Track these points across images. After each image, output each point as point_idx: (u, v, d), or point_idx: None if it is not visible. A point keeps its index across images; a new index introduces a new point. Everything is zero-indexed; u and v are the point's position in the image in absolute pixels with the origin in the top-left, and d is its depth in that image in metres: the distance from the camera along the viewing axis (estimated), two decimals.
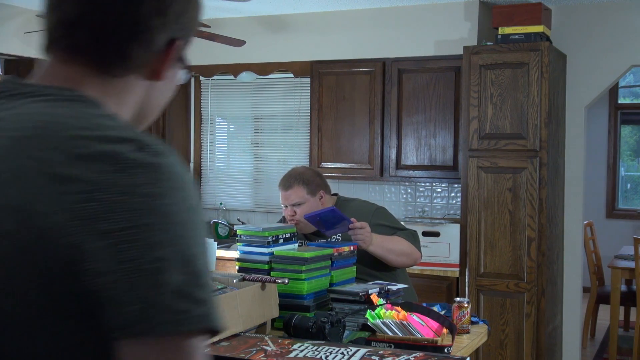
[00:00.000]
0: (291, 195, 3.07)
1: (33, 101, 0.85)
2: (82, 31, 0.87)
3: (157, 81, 0.93)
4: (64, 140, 0.79)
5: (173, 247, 0.76)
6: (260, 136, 5.66)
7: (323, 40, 5.11)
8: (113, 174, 0.76)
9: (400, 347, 2.24)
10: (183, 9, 0.91)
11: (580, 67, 4.68)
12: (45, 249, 0.74)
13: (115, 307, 0.73)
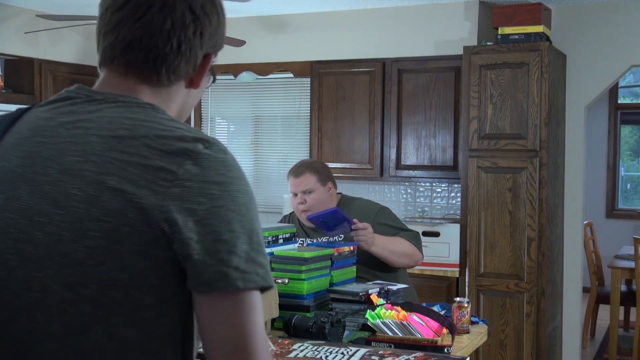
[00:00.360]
0: (302, 182, 3.12)
1: (108, 107, 1.04)
2: (136, 52, 1.06)
3: (195, 89, 1.14)
4: (151, 138, 0.99)
5: (240, 223, 0.97)
6: (260, 136, 5.66)
7: (323, 40, 5.11)
8: (192, 165, 0.97)
9: (400, 347, 2.24)
10: (215, 29, 1.14)
11: (580, 67, 4.68)
12: (147, 222, 0.95)
13: (201, 268, 0.94)
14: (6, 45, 5.03)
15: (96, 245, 0.95)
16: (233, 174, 1.00)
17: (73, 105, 1.06)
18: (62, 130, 1.03)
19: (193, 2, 1.09)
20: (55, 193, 0.98)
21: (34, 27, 4.91)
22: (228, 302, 0.96)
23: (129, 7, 1.06)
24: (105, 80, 1.10)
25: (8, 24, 5.04)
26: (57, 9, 5.00)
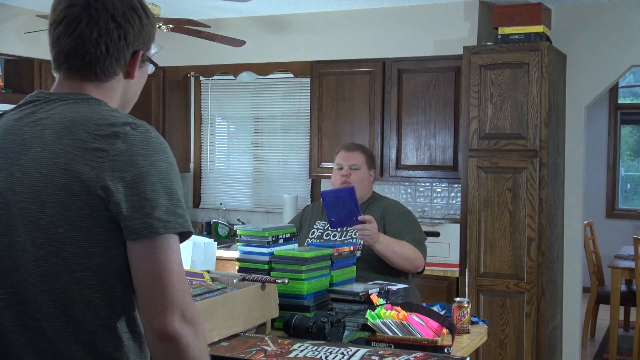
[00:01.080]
0: (353, 157, 3.24)
1: (61, 104, 1.34)
2: (75, 58, 1.37)
3: (130, 79, 1.43)
4: (90, 127, 1.28)
5: (162, 185, 1.26)
6: (260, 136, 5.66)
7: (323, 40, 5.11)
8: (121, 144, 1.26)
9: (400, 347, 2.24)
10: (139, 31, 1.39)
11: (580, 67, 4.68)
12: (87, 191, 1.24)
13: (130, 222, 1.24)
14: (6, 45, 5.03)
15: (53, 213, 1.26)
16: (155, 148, 1.28)
17: (34, 107, 1.37)
18: (27, 128, 1.34)
19: (115, 12, 1.35)
20: (23, 177, 1.29)
21: (34, 27, 4.90)
22: (151, 245, 1.24)
23: (64, 23, 1.36)
24: (58, 83, 1.41)
25: (8, 24, 5.04)
26: None
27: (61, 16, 1.37)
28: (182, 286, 1.26)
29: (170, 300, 1.24)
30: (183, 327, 1.24)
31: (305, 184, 5.44)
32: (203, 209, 5.84)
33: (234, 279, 2.43)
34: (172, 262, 1.25)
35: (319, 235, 3.22)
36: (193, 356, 1.25)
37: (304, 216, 3.37)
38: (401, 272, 3.10)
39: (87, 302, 1.28)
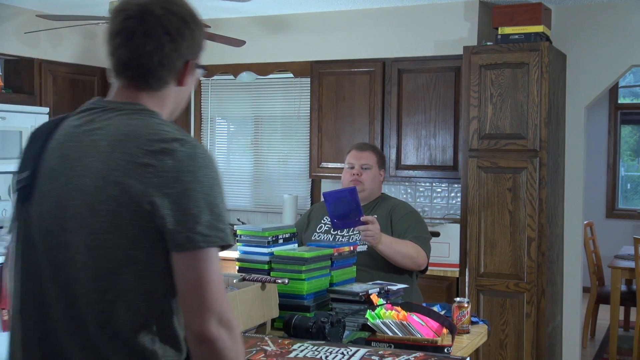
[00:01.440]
0: (364, 156, 3.29)
1: (117, 114, 1.44)
2: (132, 69, 1.47)
3: (182, 87, 1.52)
4: (141, 142, 1.37)
5: (205, 201, 1.36)
6: (260, 136, 5.66)
7: (323, 40, 5.11)
8: (170, 161, 1.35)
9: (400, 347, 2.24)
10: (190, 42, 1.48)
11: (580, 67, 4.68)
12: (136, 203, 1.34)
13: (174, 235, 1.34)
14: (6, 45, 5.03)
15: (104, 220, 1.36)
16: (200, 164, 1.37)
17: (93, 115, 1.47)
18: (84, 136, 1.43)
19: (168, 26, 1.45)
20: (79, 184, 1.39)
21: (34, 27, 4.90)
22: (193, 257, 1.35)
23: (122, 36, 1.45)
24: (115, 91, 1.51)
25: (8, 24, 5.04)
26: (57, 9, 5.00)
27: (119, 28, 1.45)
28: (219, 294, 1.36)
29: (208, 306, 1.35)
30: (219, 331, 1.35)
31: (305, 184, 5.44)
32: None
33: (234, 279, 2.43)
34: (211, 273, 1.36)
35: (326, 230, 3.24)
36: (229, 358, 1.37)
37: (311, 214, 3.40)
38: (404, 270, 3.10)
39: (128, 303, 1.38)
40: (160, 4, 1.45)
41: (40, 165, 1.46)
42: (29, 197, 1.46)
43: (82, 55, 5.57)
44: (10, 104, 4.88)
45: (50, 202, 1.42)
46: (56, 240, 1.41)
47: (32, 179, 1.46)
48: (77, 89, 5.47)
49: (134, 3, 1.45)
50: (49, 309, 1.42)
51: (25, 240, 1.46)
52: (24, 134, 4.93)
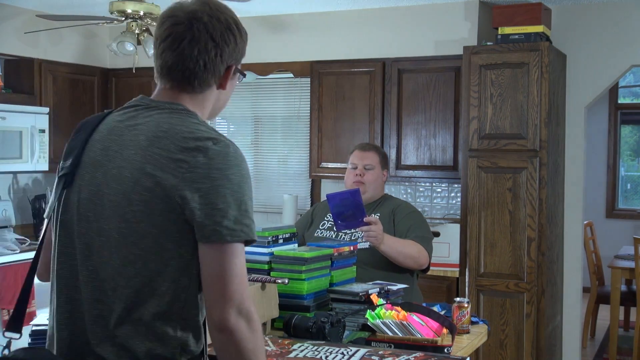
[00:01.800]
0: (367, 157, 3.30)
1: (158, 113, 1.54)
2: (176, 72, 1.56)
3: (223, 90, 1.63)
4: (177, 139, 1.46)
5: (233, 197, 1.44)
6: (260, 136, 5.66)
7: (323, 40, 5.11)
8: (202, 157, 1.44)
9: (400, 347, 2.24)
10: (233, 49, 1.58)
11: (580, 67, 4.68)
12: (168, 196, 1.44)
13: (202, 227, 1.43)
14: (6, 45, 5.03)
15: (137, 210, 1.45)
16: (231, 162, 1.46)
17: (136, 111, 1.56)
18: (126, 131, 1.53)
19: (214, 33, 1.54)
20: (117, 175, 1.49)
21: (34, 27, 4.90)
22: (218, 249, 1.43)
23: (169, 40, 1.54)
24: (159, 90, 1.61)
25: (8, 24, 5.04)
26: (57, 9, 5.00)
27: (167, 33, 1.55)
28: (241, 286, 1.44)
29: (229, 297, 1.42)
30: (239, 322, 1.43)
31: (305, 184, 5.44)
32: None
33: None
34: (234, 265, 1.43)
35: (329, 227, 3.25)
36: (246, 348, 1.44)
37: (314, 211, 3.42)
38: (406, 270, 3.11)
39: (154, 289, 1.46)
40: (207, 12, 1.55)
41: (83, 155, 1.56)
42: (70, 184, 1.55)
43: (82, 55, 5.57)
44: (10, 104, 4.88)
45: (89, 190, 1.52)
46: (91, 225, 1.51)
47: (75, 168, 1.55)
48: (77, 89, 5.47)
49: (182, 10, 1.55)
50: (79, 290, 1.51)
51: (62, 224, 1.55)
52: (24, 134, 4.93)
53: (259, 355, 1.46)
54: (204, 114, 1.61)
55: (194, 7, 1.56)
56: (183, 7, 1.56)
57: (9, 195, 5.27)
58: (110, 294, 1.47)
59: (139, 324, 1.46)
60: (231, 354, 1.44)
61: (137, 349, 1.46)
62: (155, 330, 1.46)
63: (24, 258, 4.57)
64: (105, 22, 4.36)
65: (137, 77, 5.46)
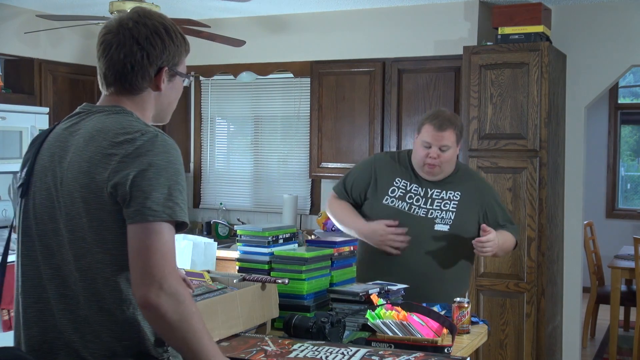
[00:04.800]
0: (444, 137, 2.85)
1: (97, 116, 1.66)
2: (109, 77, 1.68)
3: (159, 91, 1.71)
4: (109, 135, 1.57)
5: (157, 181, 1.53)
6: (260, 136, 5.66)
7: (323, 40, 5.11)
8: (130, 147, 1.54)
9: (401, 347, 2.24)
10: (161, 51, 1.67)
11: (580, 67, 4.68)
12: (101, 189, 1.54)
13: (127, 209, 1.52)
14: (6, 45, 5.03)
15: (79, 207, 1.57)
16: (158, 149, 1.55)
17: (79, 118, 1.69)
18: (69, 137, 1.65)
19: (139, 37, 1.65)
20: (62, 177, 1.60)
21: (34, 27, 4.90)
22: (140, 228, 1.51)
23: (101, 48, 1.68)
24: (102, 97, 1.73)
25: (8, 24, 5.04)
26: (57, 9, 5.00)
27: (100, 42, 1.68)
28: (162, 263, 1.50)
29: (150, 274, 1.49)
30: (160, 297, 1.49)
31: (305, 184, 5.44)
32: (203, 209, 5.84)
33: (234, 279, 2.43)
34: (157, 243, 1.51)
35: (400, 196, 2.92)
36: (172, 320, 1.50)
37: (377, 168, 3.00)
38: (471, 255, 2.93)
39: (106, 278, 1.56)
40: (134, 19, 1.67)
41: (35, 164, 1.67)
42: (27, 192, 1.67)
43: (82, 55, 5.57)
44: (10, 104, 4.88)
45: (42, 195, 1.64)
46: (47, 227, 1.62)
47: (29, 176, 1.67)
48: (77, 89, 5.47)
49: (114, 20, 1.69)
50: (44, 288, 1.61)
51: (24, 229, 1.68)
52: (24, 134, 4.93)
53: (186, 325, 1.51)
54: (145, 116, 1.70)
55: (123, 16, 1.69)
56: (115, 19, 1.70)
57: (9, 195, 5.27)
58: (73, 288, 1.58)
59: (101, 313, 1.56)
60: (160, 327, 1.53)
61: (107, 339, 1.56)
62: (118, 316, 1.56)
63: None
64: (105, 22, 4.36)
65: None
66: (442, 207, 2.89)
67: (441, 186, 2.92)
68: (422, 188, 2.92)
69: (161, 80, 1.69)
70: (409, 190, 2.93)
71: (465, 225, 2.87)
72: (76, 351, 1.57)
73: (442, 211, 2.88)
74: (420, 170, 2.92)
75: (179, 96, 1.78)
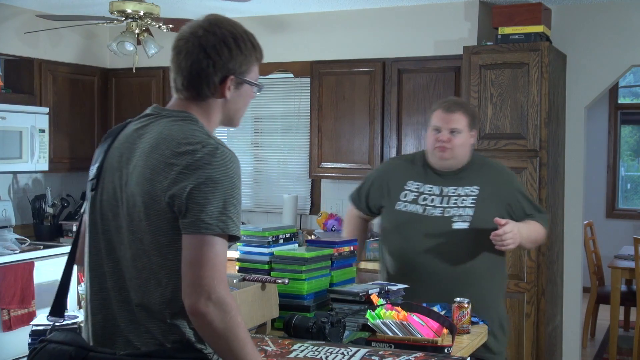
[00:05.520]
0: (454, 120, 2.80)
1: (165, 121, 1.71)
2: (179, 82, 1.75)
3: (225, 99, 1.77)
4: (172, 145, 1.64)
5: (214, 195, 1.59)
6: (260, 136, 5.66)
7: (323, 40, 5.11)
8: (190, 160, 1.60)
9: (401, 347, 2.24)
10: (227, 60, 1.74)
11: (580, 67, 4.68)
12: (160, 198, 1.61)
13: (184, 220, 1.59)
14: (6, 45, 5.03)
15: (140, 210, 1.63)
16: (217, 163, 1.60)
17: (148, 120, 1.75)
18: (137, 139, 1.72)
19: (207, 46, 1.72)
20: (127, 178, 1.68)
21: (34, 27, 4.90)
22: (196, 240, 1.58)
23: (173, 54, 1.75)
24: (172, 100, 1.80)
25: (8, 24, 5.04)
26: (57, 9, 5.00)
27: (172, 47, 1.77)
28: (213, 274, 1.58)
29: (199, 284, 1.56)
30: (208, 306, 1.56)
31: (305, 184, 5.44)
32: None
33: (234, 279, 2.43)
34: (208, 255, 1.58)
35: (413, 199, 2.86)
36: (218, 328, 1.57)
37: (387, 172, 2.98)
38: None
39: (158, 281, 1.64)
40: (205, 27, 1.75)
41: (105, 161, 1.75)
42: (96, 187, 1.75)
43: (82, 55, 5.57)
44: (10, 104, 4.88)
45: (108, 193, 1.72)
46: (110, 224, 1.70)
47: (99, 172, 1.75)
48: (77, 89, 5.47)
49: (187, 27, 1.76)
50: (106, 280, 1.70)
51: (91, 222, 1.75)
52: (24, 134, 4.93)
53: (231, 335, 1.58)
54: (211, 121, 1.76)
55: (195, 23, 1.76)
56: (189, 25, 1.77)
57: (9, 195, 5.27)
58: (129, 284, 1.66)
59: (151, 311, 1.64)
60: (206, 334, 1.61)
61: (156, 332, 1.64)
62: (165, 317, 1.63)
63: (24, 258, 4.57)
64: (105, 22, 4.36)
65: (137, 77, 5.46)
66: (459, 205, 2.81)
67: (457, 182, 2.85)
68: (437, 187, 2.86)
69: (226, 88, 1.75)
70: (422, 192, 2.86)
71: (488, 219, 2.73)
72: (130, 341, 1.65)
73: (459, 208, 2.80)
74: (432, 157, 2.86)
75: (249, 103, 1.85)
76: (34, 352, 1.70)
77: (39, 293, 4.58)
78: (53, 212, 5.32)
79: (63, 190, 5.65)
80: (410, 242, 2.82)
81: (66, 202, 5.46)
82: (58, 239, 5.22)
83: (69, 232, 5.21)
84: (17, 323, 4.41)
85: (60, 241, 5.17)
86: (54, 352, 1.65)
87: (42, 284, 4.61)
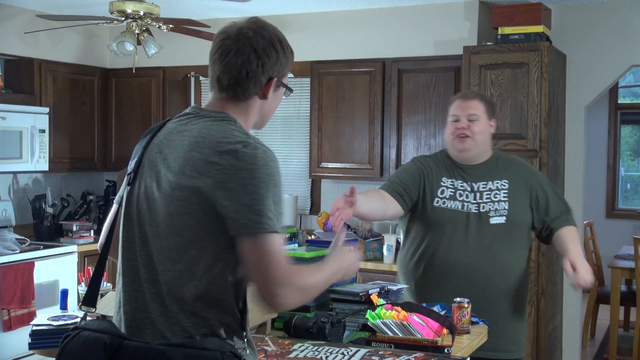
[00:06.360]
0: (471, 106, 2.82)
1: (204, 121, 1.75)
2: (223, 81, 1.76)
3: (265, 99, 1.80)
4: (213, 144, 1.66)
5: (258, 194, 1.61)
6: (260, 136, 5.65)
7: (323, 40, 5.11)
8: (232, 160, 1.63)
9: (401, 347, 2.24)
10: (275, 62, 1.78)
11: (580, 67, 4.68)
12: (203, 195, 1.63)
13: (233, 222, 1.61)
14: (6, 45, 5.03)
15: (179, 205, 1.66)
16: (259, 162, 1.63)
17: (188, 119, 1.78)
18: (177, 136, 1.75)
19: (256, 46, 1.75)
20: (166, 173, 1.71)
21: (34, 27, 4.91)
22: (250, 239, 1.61)
23: (218, 53, 1.77)
24: (210, 100, 1.82)
25: (8, 24, 5.04)
26: (57, 9, 5.00)
27: (217, 47, 1.78)
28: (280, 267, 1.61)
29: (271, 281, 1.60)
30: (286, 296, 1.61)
31: (305, 184, 5.44)
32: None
33: None
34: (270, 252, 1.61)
35: (451, 195, 2.83)
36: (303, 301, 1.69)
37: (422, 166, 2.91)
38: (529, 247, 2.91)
39: (193, 273, 1.66)
40: (253, 29, 1.78)
41: (144, 156, 1.79)
42: (134, 181, 1.78)
43: (82, 55, 5.57)
44: (10, 104, 4.88)
45: (145, 187, 1.75)
46: (145, 217, 1.73)
47: (137, 167, 1.79)
48: (77, 89, 5.47)
49: (232, 27, 1.78)
50: (139, 272, 1.73)
51: (126, 214, 1.78)
52: (24, 134, 4.93)
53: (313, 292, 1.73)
54: (247, 122, 1.80)
55: (242, 24, 1.79)
56: (233, 25, 1.79)
57: (9, 195, 5.27)
58: (162, 276, 1.69)
59: (183, 303, 1.66)
60: None
61: (186, 325, 1.66)
62: (196, 310, 1.66)
63: (24, 258, 4.57)
64: (105, 22, 4.36)
65: (137, 77, 5.46)
66: (492, 199, 2.80)
67: (485, 177, 2.84)
68: (467, 183, 2.84)
69: (269, 89, 1.79)
70: (457, 188, 2.84)
71: (520, 213, 2.77)
72: (161, 331, 1.68)
73: (493, 203, 2.79)
74: (452, 149, 2.85)
75: (278, 106, 1.90)
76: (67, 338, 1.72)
77: (39, 293, 4.58)
78: (53, 212, 5.32)
79: (63, 190, 5.65)
80: (453, 239, 2.79)
81: (66, 202, 5.46)
82: (58, 239, 5.21)
83: (69, 232, 5.21)
84: (17, 323, 4.41)
85: (60, 241, 5.16)
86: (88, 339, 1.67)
87: (42, 284, 4.61)
